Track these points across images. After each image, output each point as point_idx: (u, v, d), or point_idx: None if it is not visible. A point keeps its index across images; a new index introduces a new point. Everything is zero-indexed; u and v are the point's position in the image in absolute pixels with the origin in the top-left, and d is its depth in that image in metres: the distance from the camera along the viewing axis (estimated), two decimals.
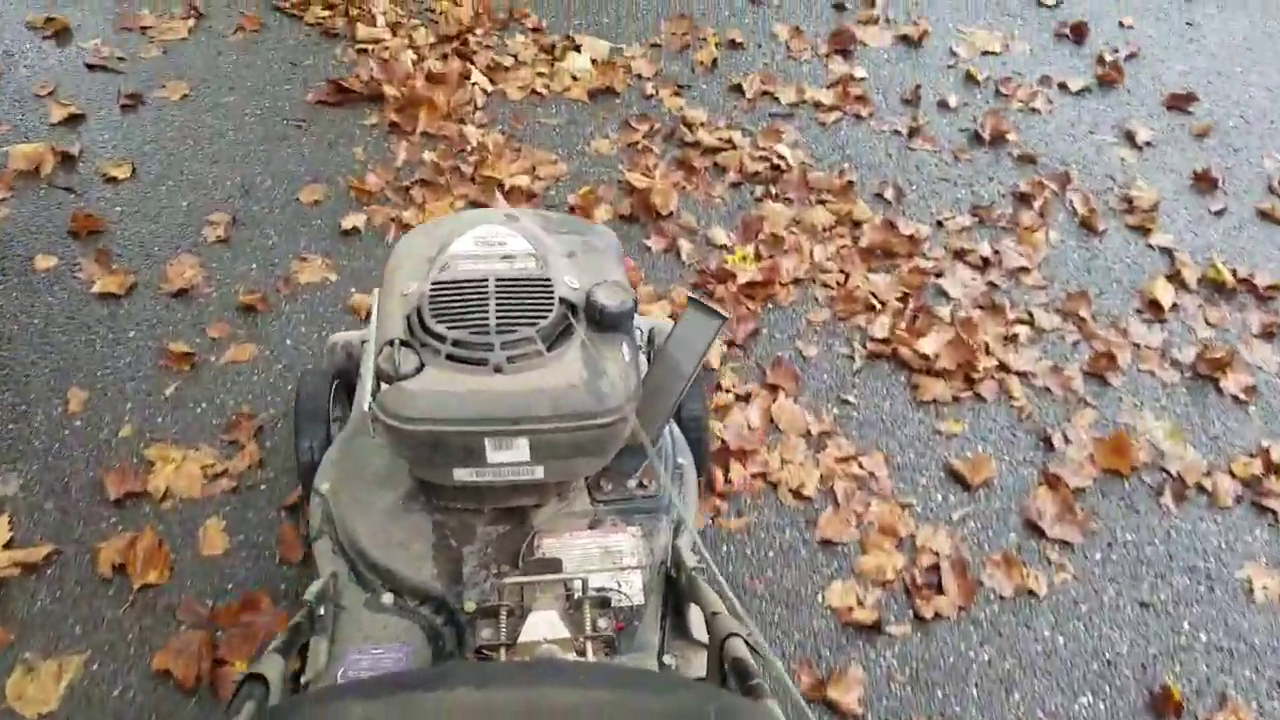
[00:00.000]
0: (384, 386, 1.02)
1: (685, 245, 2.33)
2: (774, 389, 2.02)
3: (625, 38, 3.00)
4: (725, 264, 2.27)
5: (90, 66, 2.73)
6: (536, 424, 1.01)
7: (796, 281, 2.25)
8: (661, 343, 1.15)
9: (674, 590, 1.13)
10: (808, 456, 1.90)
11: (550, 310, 1.06)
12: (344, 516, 1.16)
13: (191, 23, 2.96)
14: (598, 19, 3.07)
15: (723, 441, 1.89)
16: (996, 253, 2.33)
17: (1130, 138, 2.72)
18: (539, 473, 1.07)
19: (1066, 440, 1.96)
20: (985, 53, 3.02)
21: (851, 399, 2.03)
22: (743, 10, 3.14)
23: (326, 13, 3.03)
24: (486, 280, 1.08)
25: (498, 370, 1.01)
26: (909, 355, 2.08)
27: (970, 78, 2.91)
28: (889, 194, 2.50)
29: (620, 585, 1.10)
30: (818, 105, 2.78)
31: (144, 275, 2.18)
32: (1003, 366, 2.08)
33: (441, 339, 1.03)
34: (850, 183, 2.51)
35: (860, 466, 1.89)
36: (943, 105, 2.81)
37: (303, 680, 1.04)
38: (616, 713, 0.61)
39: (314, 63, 2.85)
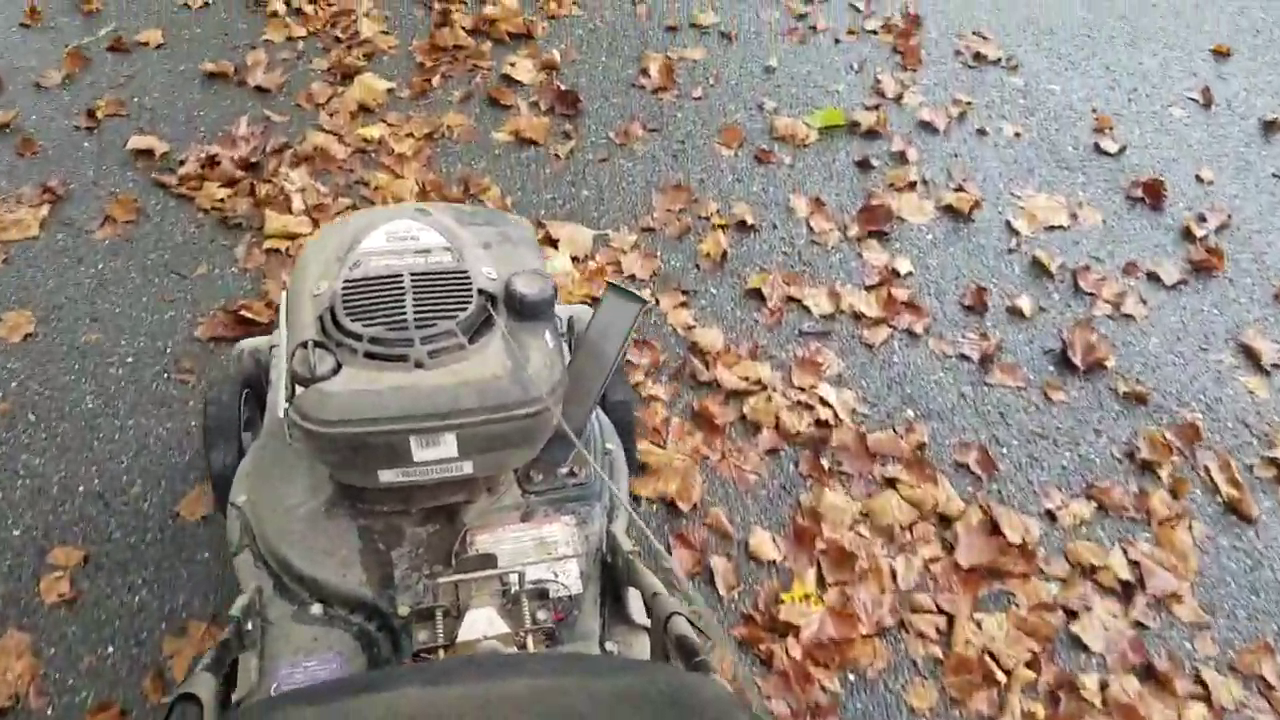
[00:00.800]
0: (299, 390, 0.99)
1: (719, 563, 1.72)
2: None
3: (611, 217, 2.38)
4: (780, 603, 1.66)
5: None
6: (463, 418, 0.99)
7: (882, 632, 1.64)
8: (583, 330, 1.14)
9: (611, 576, 1.12)
10: None
11: (469, 302, 1.05)
12: (264, 528, 1.12)
13: (45, 211, 2.26)
14: (574, 191, 2.44)
15: None
16: (1135, 565, 1.76)
17: (1252, 356, 2.18)
18: (468, 468, 1.05)
19: None
20: (1050, 227, 2.46)
21: None
22: (748, 173, 2.55)
23: (226, 192, 2.34)
24: (401, 275, 1.07)
25: (419, 365, 0.99)
26: None
27: (1039, 267, 2.35)
28: (974, 462, 1.92)
29: (557, 575, 1.08)
30: (859, 317, 2.20)
31: None
32: None
33: (358, 337, 1.00)
34: (922, 446, 1.92)
35: None
36: (1014, 313, 2.24)
37: (234, 698, 0.99)
38: (567, 698, 0.60)
39: (208, 271, 2.17)
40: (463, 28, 2.91)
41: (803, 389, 2.02)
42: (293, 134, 2.51)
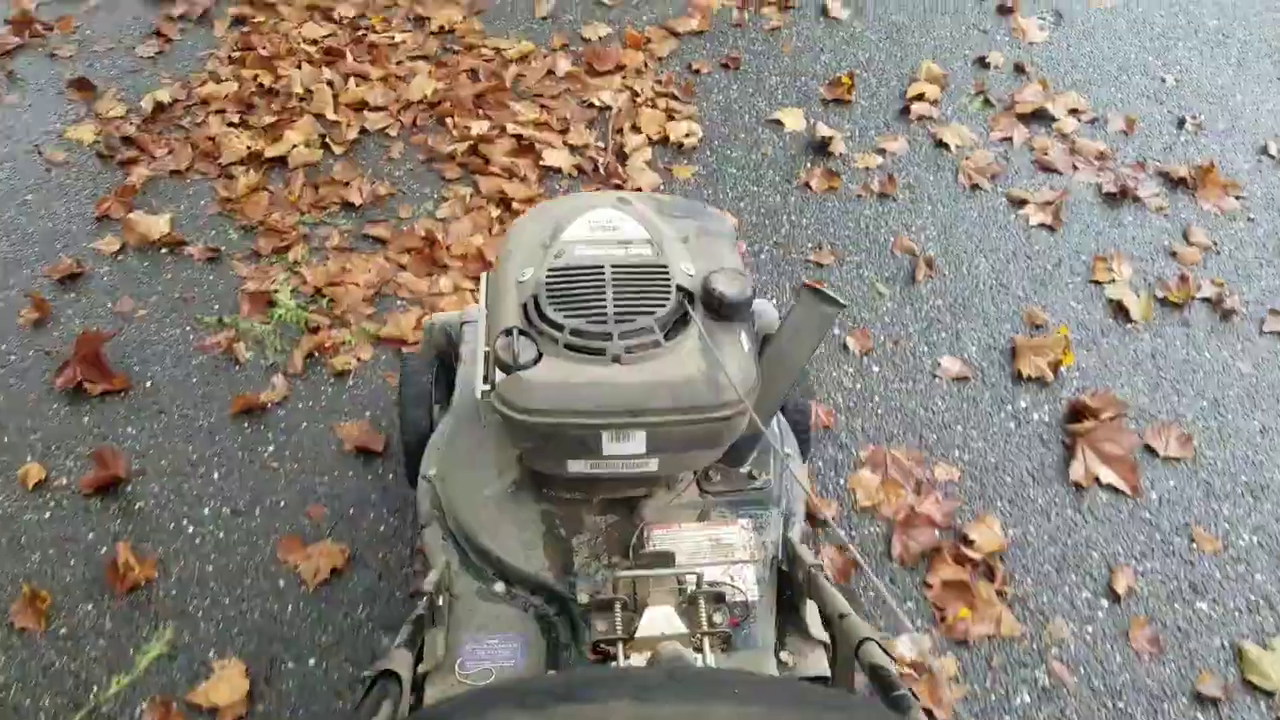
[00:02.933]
0: (501, 376, 0.99)
1: None
2: None
3: None
4: None
5: None
6: (655, 416, 0.98)
7: None
8: (776, 330, 1.09)
9: (787, 585, 1.11)
10: None
11: (668, 298, 1.03)
12: (453, 503, 1.15)
13: None
14: None
15: None
16: None
17: None
18: (653, 465, 1.04)
19: None
20: None
21: None
22: None
23: None
24: (603, 267, 1.05)
25: (616, 360, 0.99)
26: None
27: None
28: None
29: (733, 579, 1.06)
30: None
31: None
32: None
33: (559, 328, 1.00)
34: None
35: None
36: None
37: (419, 670, 0.99)
38: None
39: None
40: None
41: None
42: None
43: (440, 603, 1.05)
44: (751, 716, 0.58)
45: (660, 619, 0.95)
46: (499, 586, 1.09)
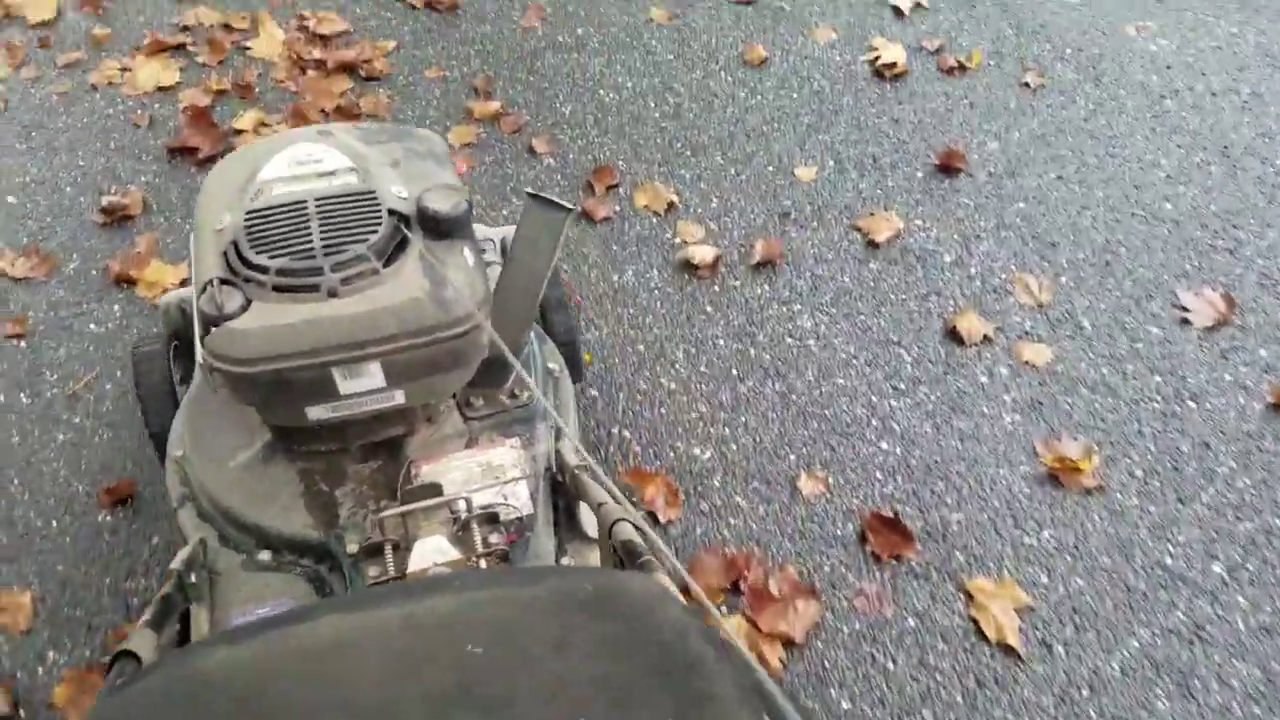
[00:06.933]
0: (212, 331, 0.94)
1: None
2: None
3: None
4: None
5: None
6: (384, 345, 0.95)
7: None
8: (510, 246, 1.10)
9: (562, 494, 1.12)
10: None
11: (379, 224, 0.99)
12: (203, 479, 1.11)
13: None
14: None
15: None
16: None
17: None
18: (399, 397, 1.01)
19: None
20: None
21: None
22: None
23: None
24: (305, 201, 1.01)
25: (332, 295, 0.94)
26: None
27: None
28: None
29: (507, 498, 1.05)
30: None
31: None
32: None
33: (264, 270, 0.95)
34: None
35: None
36: None
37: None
38: (493, 608, 0.60)
39: None
40: None
41: None
42: None
43: (194, 579, 1.01)
44: (465, 602, 0.61)
45: (430, 549, 0.94)
46: (264, 555, 1.05)
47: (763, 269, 2.05)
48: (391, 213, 1.01)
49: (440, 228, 1.00)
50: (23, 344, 1.90)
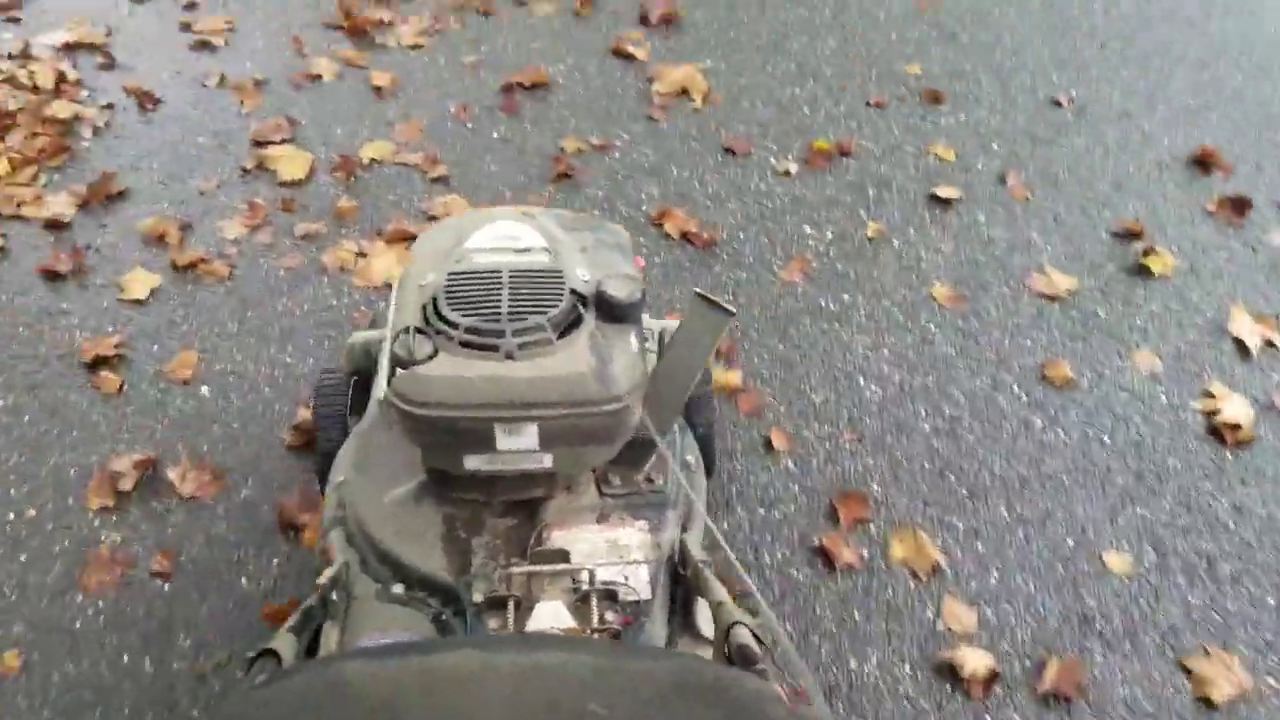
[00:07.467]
0: (400, 373, 1.03)
1: None
2: None
3: None
4: None
5: None
6: (545, 410, 1.02)
7: None
8: (670, 339, 1.14)
9: (681, 587, 1.13)
10: None
11: (561, 300, 1.07)
12: (357, 507, 1.16)
13: None
14: None
15: None
16: None
17: None
18: (548, 461, 1.07)
19: None
20: None
21: None
22: None
23: None
24: (500, 271, 1.11)
25: (509, 356, 1.03)
26: None
27: None
28: None
29: (627, 579, 1.06)
30: None
31: None
32: None
33: (455, 326, 1.04)
34: None
35: None
36: None
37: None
38: (615, 675, 0.63)
39: None
40: None
41: None
42: None
43: (334, 598, 1.07)
44: (596, 666, 0.64)
45: (549, 614, 0.98)
46: (397, 588, 1.10)
47: (1054, 704, 1.56)
48: (573, 292, 1.09)
49: (614, 312, 1.08)
50: (166, 587, 1.67)
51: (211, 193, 2.49)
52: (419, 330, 1.04)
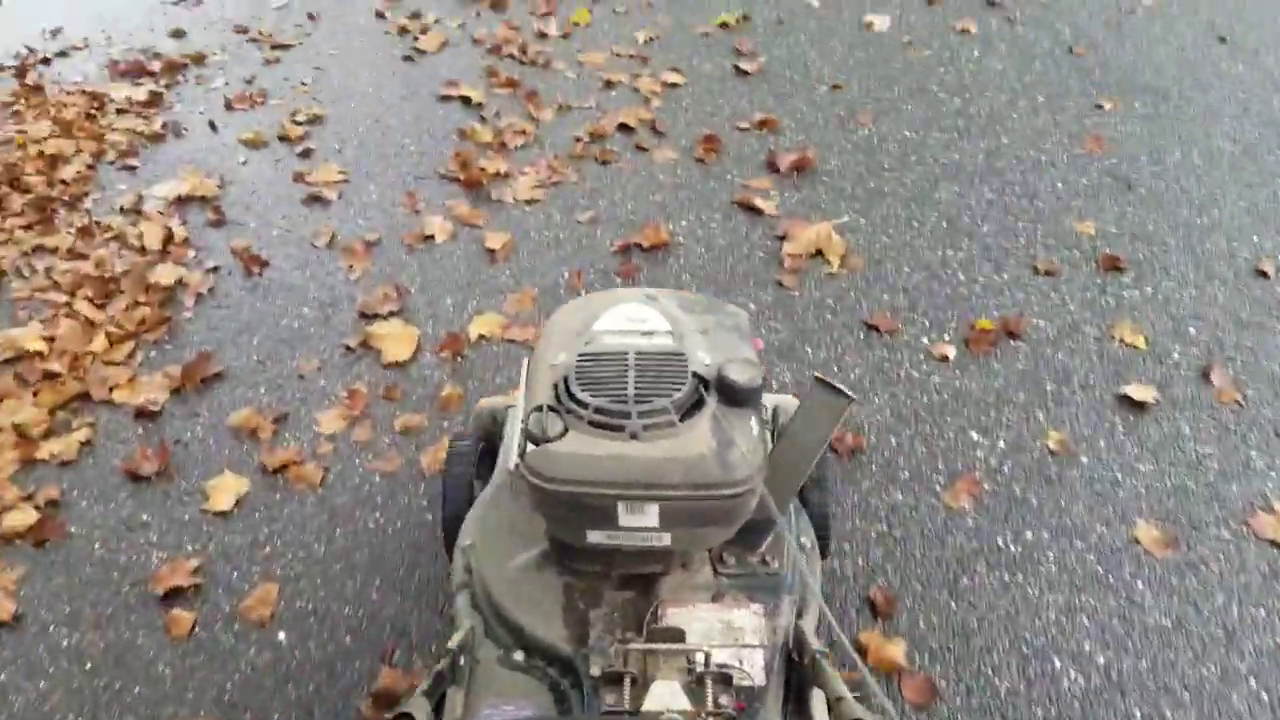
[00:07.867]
0: (531, 448, 1.07)
1: None
2: None
3: None
4: None
5: None
6: (667, 490, 1.05)
7: None
8: (787, 420, 1.15)
9: (795, 674, 1.12)
10: None
11: (684, 383, 1.11)
12: (483, 571, 1.21)
13: None
14: None
15: None
16: None
17: None
18: (666, 539, 1.10)
19: None
20: None
21: None
22: None
23: None
24: (627, 353, 1.15)
25: (634, 437, 1.06)
26: None
27: None
28: None
29: (742, 663, 1.08)
30: None
31: None
32: None
33: (584, 406, 1.08)
34: None
35: None
36: None
37: None
38: None
39: None
40: None
41: None
42: None
43: (461, 663, 1.11)
44: None
45: (666, 694, 0.98)
46: (518, 655, 1.14)
47: None
48: (695, 375, 1.12)
49: (735, 396, 1.09)
50: None
51: (311, 375, 2.30)
52: (551, 408, 1.08)
